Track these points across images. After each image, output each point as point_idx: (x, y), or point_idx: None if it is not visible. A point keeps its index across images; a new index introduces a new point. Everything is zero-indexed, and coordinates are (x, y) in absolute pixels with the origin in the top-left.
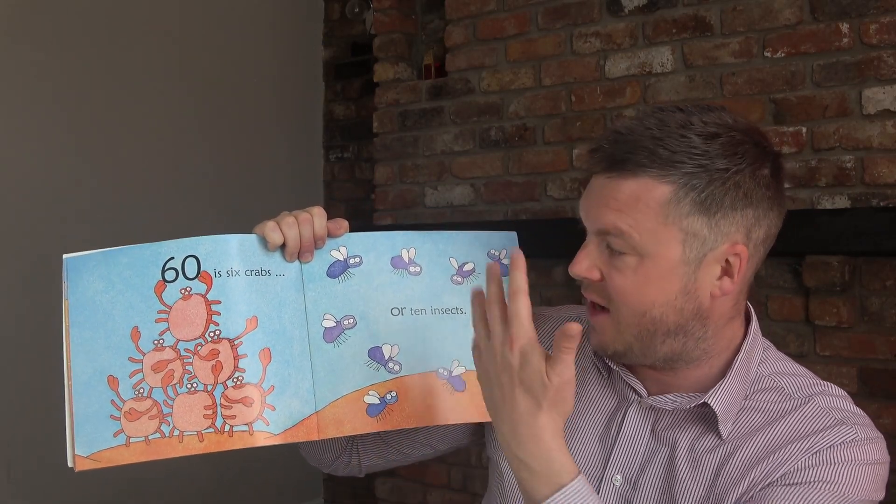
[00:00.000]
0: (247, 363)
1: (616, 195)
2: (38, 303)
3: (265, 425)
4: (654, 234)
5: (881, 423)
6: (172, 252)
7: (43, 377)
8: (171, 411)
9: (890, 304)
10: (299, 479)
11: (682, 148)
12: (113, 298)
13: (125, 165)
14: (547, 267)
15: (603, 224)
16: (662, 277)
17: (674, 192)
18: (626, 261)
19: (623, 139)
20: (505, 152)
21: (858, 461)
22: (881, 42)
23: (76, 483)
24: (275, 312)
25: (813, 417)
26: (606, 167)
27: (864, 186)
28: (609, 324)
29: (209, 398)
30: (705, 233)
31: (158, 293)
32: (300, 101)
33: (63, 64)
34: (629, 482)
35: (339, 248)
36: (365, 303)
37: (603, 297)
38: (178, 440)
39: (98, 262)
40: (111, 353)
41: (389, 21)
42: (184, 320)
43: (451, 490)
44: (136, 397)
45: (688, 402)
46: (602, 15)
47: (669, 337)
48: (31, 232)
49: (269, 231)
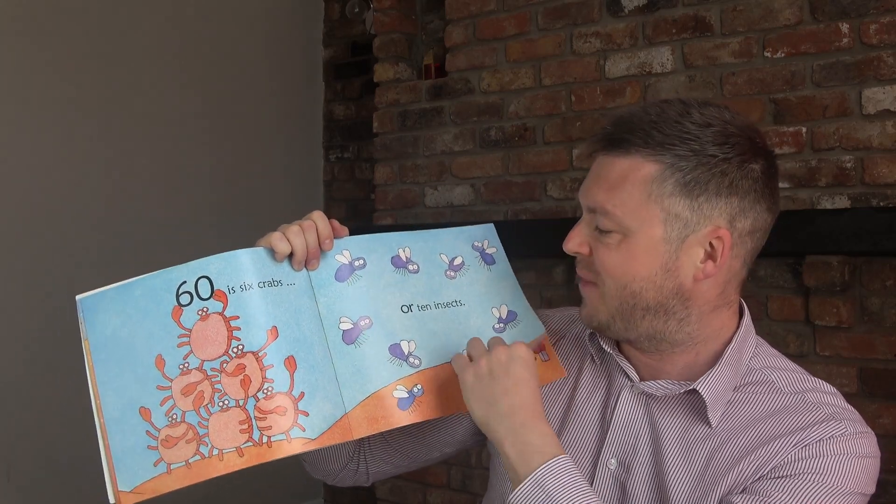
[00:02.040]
0: (274, 373)
1: (608, 174)
2: (38, 303)
3: (301, 431)
4: (636, 212)
5: (881, 422)
6: (183, 276)
7: (43, 377)
8: (206, 432)
9: (890, 304)
10: (299, 479)
11: (675, 132)
12: (132, 331)
13: (125, 165)
14: (547, 267)
15: (592, 202)
16: (644, 254)
17: (660, 172)
18: (611, 237)
19: (623, 122)
20: (505, 152)
21: (849, 454)
22: (881, 42)
23: (76, 484)
24: (292, 320)
25: (804, 412)
26: (604, 146)
27: (864, 186)
28: (595, 296)
29: (242, 413)
30: (687, 214)
31: (176, 318)
32: (300, 101)
33: (62, 65)
34: (623, 465)
35: (343, 252)
36: (376, 302)
37: (591, 272)
38: (218, 459)
39: (112, 299)
40: (139, 385)
41: (389, 21)
42: (205, 340)
43: (451, 490)
44: (171, 424)
45: (677, 389)
46: (602, 15)
47: (649, 313)
48: (29, 232)
49: (277, 241)
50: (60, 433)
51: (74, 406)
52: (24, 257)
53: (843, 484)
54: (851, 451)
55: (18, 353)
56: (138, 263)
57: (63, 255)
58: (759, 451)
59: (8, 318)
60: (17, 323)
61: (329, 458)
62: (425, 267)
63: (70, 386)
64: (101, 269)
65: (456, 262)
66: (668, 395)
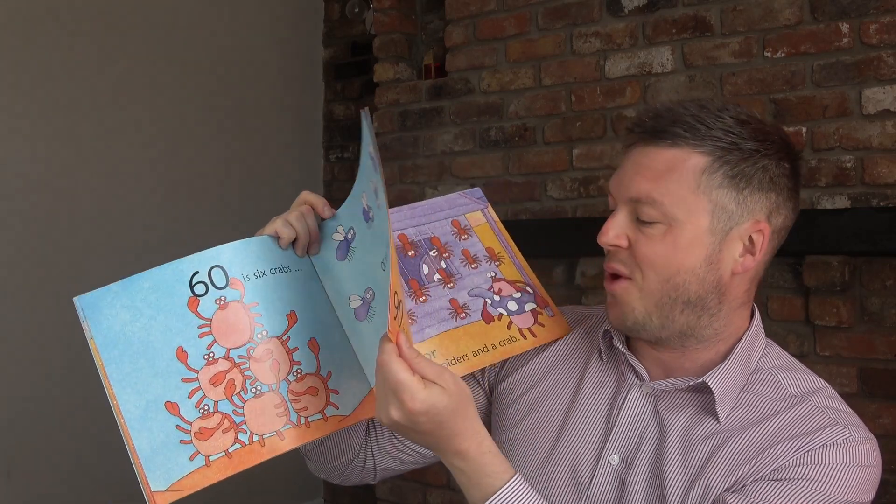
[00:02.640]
0: (300, 356)
1: (652, 164)
2: (37, 303)
3: (336, 409)
4: (684, 202)
5: (881, 422)
6: (196, 266)
7: (43, 377)
8: (243, 419)
9: (890, 304)
10: (299, 479)
11: (718, 125)
12: (145, 325)
13: (125, 166)
14: (547, 267)
15: (636, 192)
16: (689, 245)
17: (709, 164)
18: (655, 228)
19: (664, 115)
20: (505, 152)
21: (850, 463)
22: (881, 42)
23: (76, 484)
24: (307, 304)
25: (808, 416)
26: (646, 138)
27: (864, 186)
28: (631, 291)
29: (277, 396)
30: (732, 207)
31: (194, 309)
32: (300, 101)
33: (62, 65)
34: (625, 462)
35: (337, 230)
36: (372, 269)
37: (627, 266)
38: (259, 445)
39: (116, 294)
40: (162, 380)
41: (389, 21)
42: (228, 329)
43: (451, 490)
44: (203, 415)
45: (686, 381)
46: (602, 15)
47: (688, 308)
48: (28, 231)
49: (281, 227)
50: (60, 433)
51: (74, 406)
52: (23, 257)
53: (839, 493)
54: (853, 459)
55: (18, 353)
56: (139, 263)
57: (62, 254)
58: (761, 456)
59: (7, 318)
60: (17, 323)
61: (337, 453)
62: (378, 214)
63: (70, 386)
64: (100, 270)
65: (367, 207)
66: (677, 388)
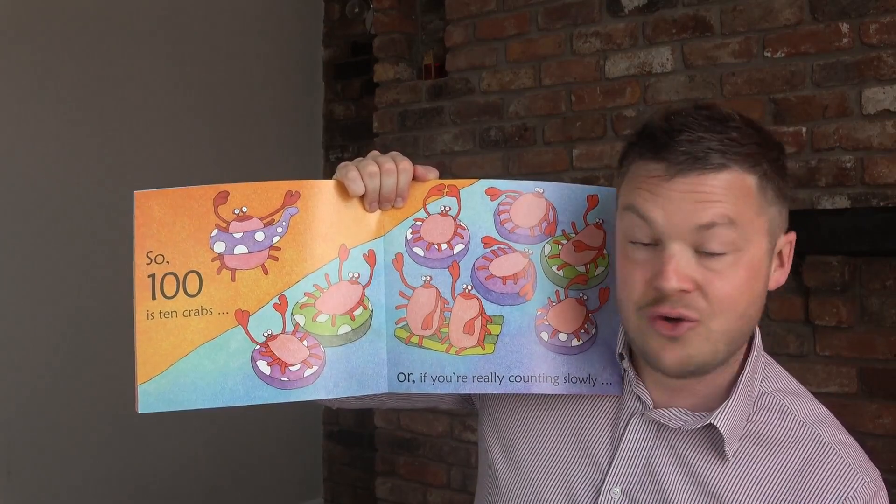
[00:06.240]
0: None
1: (710, 189)
2: (37, 303)
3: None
4: (751, 226)
5: (881, 422)
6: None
7: (43, 377)
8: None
9: (890, 304)
10: (299, 479)
11: (749, 139)
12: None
13: (125, 165)
14: None
15: (710, 217)
16: (756, 272)
17: (760, 183)
18: (723, 261)
19: (695, 136)
20: (505, 152)
21: None
22: (881, 42)
23: (76, 484)
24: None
25: (821, 462)
26: (691, 166)
27: (864, 186)
28: (700, 332)
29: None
30: (777, 222)
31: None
32: (300, 100)
33: (62, 64)
34: (627, 495)
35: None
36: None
37: (696, 310)
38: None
39: None
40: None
41: (389, 21)
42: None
43: (451, 490)
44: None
45: (693, 423)
46: (602, 15)
47: (745, 338)
48: (27, 231)
49: (351, 182)
50: (60, 433)
51: (74, 406)
52: (23, 257)
53: None
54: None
55: (18, 352)
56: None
57: (62, 254)
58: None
59: (7, 318)
60: (17, 323)
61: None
62: None
63: (70, 386)
64: (101, 269)
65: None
66: (683, 430)
